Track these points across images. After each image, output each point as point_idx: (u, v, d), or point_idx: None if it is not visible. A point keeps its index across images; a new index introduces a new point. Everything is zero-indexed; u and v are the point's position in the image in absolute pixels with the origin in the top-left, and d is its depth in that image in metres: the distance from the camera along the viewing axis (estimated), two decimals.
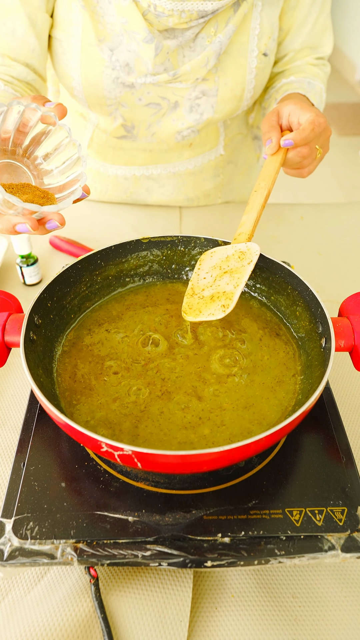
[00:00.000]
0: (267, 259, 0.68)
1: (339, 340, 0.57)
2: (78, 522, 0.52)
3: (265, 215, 1.05)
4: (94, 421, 0.56)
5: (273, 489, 0.55)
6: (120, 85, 0.86)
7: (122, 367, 0.62)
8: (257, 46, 0.87)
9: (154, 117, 0.91)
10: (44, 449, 0.59)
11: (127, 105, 0.89)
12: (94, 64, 0.83)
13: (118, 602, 0.51)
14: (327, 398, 0.65)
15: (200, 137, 0.97)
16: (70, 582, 0.52)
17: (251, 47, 0.86)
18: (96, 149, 1.01)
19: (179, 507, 0.53)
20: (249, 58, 0.87)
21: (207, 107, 0.90)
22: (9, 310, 0.59)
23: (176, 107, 0.90)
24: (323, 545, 0.51)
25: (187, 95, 0.88)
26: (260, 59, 0.88)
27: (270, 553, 0.50)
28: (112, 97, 0.88)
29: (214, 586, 0.53)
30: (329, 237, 1.01)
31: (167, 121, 0.92)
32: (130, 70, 0.83)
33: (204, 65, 0.84)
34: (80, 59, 0.84)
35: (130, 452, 0.46)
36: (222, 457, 0.47)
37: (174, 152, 0.98)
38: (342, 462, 0.57)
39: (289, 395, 0.59)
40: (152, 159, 0.99)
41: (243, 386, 0.60)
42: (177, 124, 0.92)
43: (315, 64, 0.96)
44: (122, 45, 0.81)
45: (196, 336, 0.66)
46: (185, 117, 0.91)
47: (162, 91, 0.88)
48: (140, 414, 0.57)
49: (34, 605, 0.51)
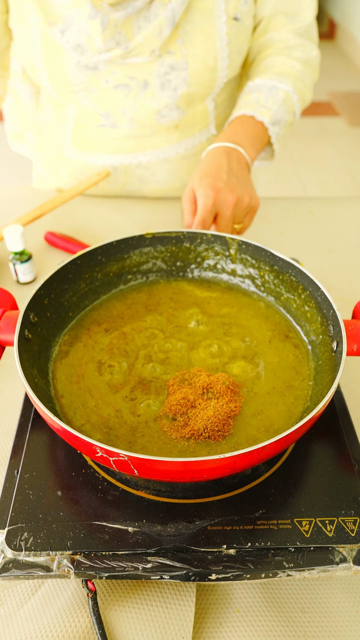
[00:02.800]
0: (277, 257, 0.69)
1: (352, 344, 0.58)
2: (75, 532, 0.52)
3: (272, 210, 1.06)
4: (89, 425, 0.57)
5: (281, 498, 0.55)
6: (84, 68, 0.86)
7: (122, 369, 0.62)
8: (225, 10, 0.84)
9: (126, 100, 0.91)
10: (39, 455, 0.59)
11: (94, 89, 0.90)
12: (55, 50, 0.85)
13: (117, 618, 0.51)
14: (339, 404, 0.65)
15: (187, 118, 0.96)
16: (66, 596, 0.53)
17: (218, 13, 0.84)
18: (80, 139, 1.02)
19: (181, 517, 0.54)
20: (217, 25, 0.84)
21: (179, 81, 0.89)
22: (3, 306, 0.60)
23: (146, 86, 0.89)
24: (334, 557, 0.51)
25: (155, 72, 0.88)
26: (230, 24, 0.85)
27: (279, 565, 0.51)
28: (78, 82, 0.88)
29: (219, 600, 0.53)
30: (339, 233, 1.01)
31: (141, 102, 0.91)
32: (83, 50, 0.84)
33: (157, 34, 0.82)
34: (41, 47, 0.85)
35: (126, 457, 0.46)
36: (225, 465, 0.47)
37: (161, 136, 0.98)
38: (355, 470, 0.58)
39: (298, 401, 0.60)
40: (139, 145, 0.99)
41: (253, 394, 0.60)
42: (153, 104, 0.91)
43: (294, 47, 0.93)
44: (73, 26, 0.82)
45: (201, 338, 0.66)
46: (159, 95, 0.90)
47: (128, 70, 0.87)
48: (139, 419, 0.58)
49: (27, 620, 0.52)
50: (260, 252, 0.70)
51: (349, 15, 4.11)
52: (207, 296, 0.73)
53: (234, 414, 0.57)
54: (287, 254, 0.94)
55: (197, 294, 0.73)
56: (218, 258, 0.74)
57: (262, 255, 0.70)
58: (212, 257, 0.74)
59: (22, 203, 1.05)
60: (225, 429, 0.56)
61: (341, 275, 0.92)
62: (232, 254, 0.73)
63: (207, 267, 0.75)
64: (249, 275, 0.73)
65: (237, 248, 0.72)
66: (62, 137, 1.04)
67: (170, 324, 0.69)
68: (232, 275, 0.74)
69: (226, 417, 0.56)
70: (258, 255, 0.71)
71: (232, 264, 0.74)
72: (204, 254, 0.74)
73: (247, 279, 0.73)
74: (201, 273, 0.76)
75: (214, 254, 0.74)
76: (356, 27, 4.07)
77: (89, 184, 0.99)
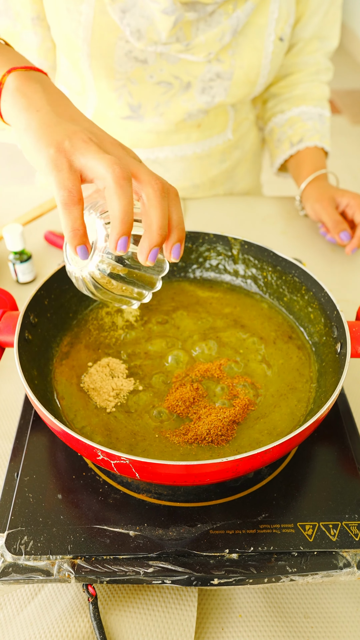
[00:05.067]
0: (279, 257, 0.69)
1: (356, 346, 0.58)
2: (75, 536, 0.52)
3: (274, 210, 1.06)
4: (90, 427, 0.57)
5: (284, 501, 0.55)
6: (132, 59, 0.86)
7: (123, 371, 0.62)
8: (275, 30, 0.90)
9: (164, 97, 0.92)
10: (39, 458, 0.59)
11: (136, 81, 0.90)
12: (108, 33, 0.83)
13: (118, 623, 0.51)
14: (342, 406, 0.65)
15: (209, 119, 0.99)
16: (66, 600, 0.53)
17: (269, 31, 0.89)
18: None
19: (183, 520, 0.54)
20: (265, 42, 0.90)
21: (220, 90, 0.92)
22: (3, 307, 0.60)
23: (188, 87, 0.91)
24: (338, 562, 0.51)
25: (200, 76, 0.90)
26: (276, 44, 0.91)
27: (281, 570, 0.51)
28: (122, 71, 0.88)
29: (221, 605, 0.53)
30: None
31: (177, 102, 0.93)
32: (141, 36, 0.83)
33: (219, 39, 0.86)
34: (92, 27, 0.82)
35: (128, 461, 0.46)
36: (228, 469, 0.47)
37: (181, 134, 0.99)
38: (358, 473, 0.57)
39: (301, 404, 0.60)
40: (159, 140, 1.00)
41: (254, 394, 0.60)
42: (188, 105, 0.93)
43: (322, 71, 1.04)
44: (136, 9, 0.81)
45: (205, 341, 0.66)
46: (197, 99, 0.93)
47: (175, 69, 0.89)
48: (140, 421, 0.57)
49: (26, 624, 0.51)
50: (262, 253, 0.70)
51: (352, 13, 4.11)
52: (209, 296, 0.73)
53: (240, 419, 0.57)
54: (290, 254, 0.94)
55: (199, 295, 0.73)
56: (220, 258, 0.74)
57: (265, 255, 0.70)
58: (215, 258, 0.74)
59: (22, 202, 1.05)
60: (229, 433, 0.55)
61: (344, 275, 0.91)
62: (235, 255, 0.73)
63: (209, 268, 0.75)
64: (252, 275, 0.73)
65: (240, 248, 0.72)
66: None
67: (172, 323, 0.68)
68: (235, 275, 0.74)
69: (231, 422, 0.56)
70: (261, 256, 0.71)
71: (234, 264, 0.73)
72: (206, 254, 0.74)
73: (250, 280, 0.73)
74: (203, 273, 0.75)
75: (216, 254, 0.74)
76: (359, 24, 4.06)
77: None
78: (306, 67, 1.04)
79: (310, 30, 0.98)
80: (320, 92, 1.05)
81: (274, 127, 1.07)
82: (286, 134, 1.04)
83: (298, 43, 1.00)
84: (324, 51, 1.03)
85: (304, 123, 1.03)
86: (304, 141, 1.02)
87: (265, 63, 0.91)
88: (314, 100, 1.04)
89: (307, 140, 1.02)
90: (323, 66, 1.05)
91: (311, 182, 0.97)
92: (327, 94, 1.06)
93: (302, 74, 1.04)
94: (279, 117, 1.06)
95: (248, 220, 1.03)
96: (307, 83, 1.04)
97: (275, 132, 1.07)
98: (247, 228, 1.01)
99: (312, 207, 0.95)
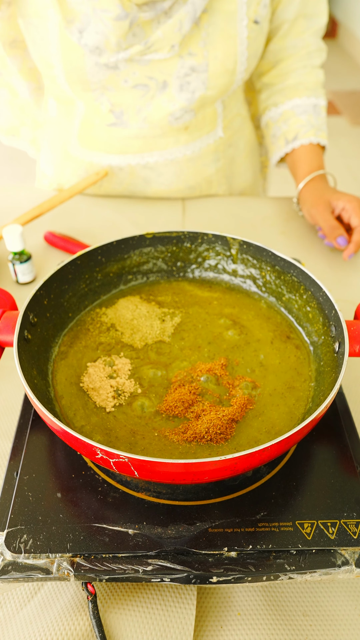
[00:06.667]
0: (278, 257, 0.69)
1: (354, 345, 0.58)
2: (75, 534, 0.52)
3: (274, 210, 1.06)
4: (90, 426, 0.57)
5: (283, 500, 0.55)
6: (103, 67, 0.87)
7: (123, 370, 0.63)
8: (247, 14, 0.87)
9: (143, 100, 0.92)
10: (39, 457, 0.59)
11: (112, 88, 0.90)
12: (74, 49, 0.84)
13: (117, 621, 0.51)
14: (341, 405, 0.65)
15: (197, 120, 0.98)
16: (65, 599, 0.53)
17: (240, 16, 0.86)
18: (86, 138, 1.02)
19: (182, 519, 0.54)
20: (238, 27, 0.87)
21: (198, 83, 0.91)
22: (2, 307, 0.60)
23: (165, 86, 0.90)
24: (336, 560, 0.51)
25: (175, 73, 0.89)
26: (251, 28, 0.88)
27: (280, 568, 0.51)
28: (96, 80, 0.88)
29: (219, 603, 0.53)
30: None
31: (158, 103, 0.92)
32: (101, 52, 0.84)
33: (177, 29, 0.83)
34: (59, 44, 0.84)
35: (127, 459, 0.46)
36: (227, 467, 0.48)
37: (169, 138, 0.99)
38: (357, 472, 0.58)
39: (299, 402, 0.60)
40: (147, 145, 1.00)
41: (253, 394, 0.60)
42: (169, 105, 0.92)
43: (314, 53, 1.00)
44: (91, 26, 0.82)
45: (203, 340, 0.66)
46: (176, 97, 0.92)
47: (148, 70, 0.88)
48: (139, 421, 0.58)
49: (26, 622, 0.52)
50: (261, 252, 0.71)
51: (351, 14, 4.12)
52: (208, 296, 0.73)
53: (238, 418, 0.57)
54: (289, 254, 0.94)
55: (198, 294, 0.73)
56: (219, 258, 0.74)
57: (264, 255, 0.71)
58: (213, 257, 0.74)
59: (21, 202, 1.06)
60: (227, 432, 0.56)
61: (343, 275, 0.92)
62: (234, 254, 0.73)
63: (208, 268, 0.75)
64: (250, 275, 0.73)
65: (239, 248, 0.72)
66: (68, 135, 1.04)
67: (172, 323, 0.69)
68: (234, 275, 0.75)
69: (230, 421, 0.56)
70: (259, 256, 0.71)
71: (233, 264, 0.74)
72: (205, 254, 0.74)
73: (249, 280, 0.74)
74: (202, 273, 0.76)
75: (215, 254, 0.74)
76: (358, 25, 4.07)
77: (88, 183, 1.00)
78: (296, 51, 1.00)
79: (293, 9, 0.94)
80: (314, 80, 1.01)
81: (269, 122, 1.06)
82: (281, 130, 1.03)
83: (282, 25, 0.96)
84: (312, 30, 0.99)
85: (298, 118, 1.00)
86: (299, 138, 1.00)
87: (242, 49, 0.89)
88: (307, 90, 1.01)
89: (302, 137, 1.00)
90: (314, 47, 1.00)
91: (308, 184, 0.97)
92: (321, 79, 1.02)
93: (292, 59, 1.01)
94: (272, 110, 1.04)
95: (247, 221, 1.03)
96: (300, 70, 1.01)
97: (271, 127, 1.05)
98: (247, 228, 1.02)
99: (309, 212, 0.94)
